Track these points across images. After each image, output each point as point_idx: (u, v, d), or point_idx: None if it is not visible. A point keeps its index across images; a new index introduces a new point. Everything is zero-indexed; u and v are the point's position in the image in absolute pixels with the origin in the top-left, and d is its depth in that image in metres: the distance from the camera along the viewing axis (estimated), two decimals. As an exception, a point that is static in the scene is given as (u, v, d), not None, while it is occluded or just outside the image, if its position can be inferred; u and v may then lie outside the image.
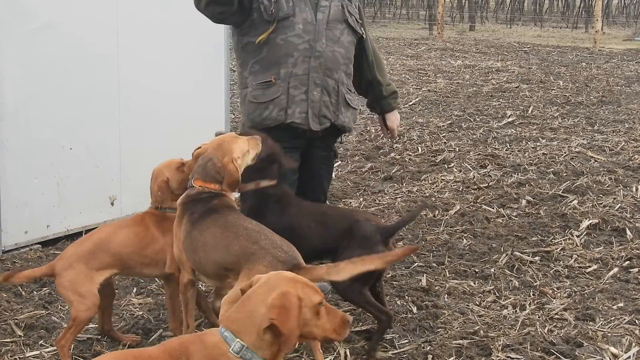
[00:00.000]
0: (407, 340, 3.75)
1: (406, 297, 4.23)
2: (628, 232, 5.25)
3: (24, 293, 4.28)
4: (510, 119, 9.10)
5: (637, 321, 3.96)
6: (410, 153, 7.53)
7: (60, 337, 3.42)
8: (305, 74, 3.88)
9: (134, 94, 5.33)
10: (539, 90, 11.10)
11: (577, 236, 5.19)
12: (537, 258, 4.82)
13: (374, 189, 6.46)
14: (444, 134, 8.33)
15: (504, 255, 4.85)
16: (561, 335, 3.79)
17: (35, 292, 4.29)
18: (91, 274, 3.47)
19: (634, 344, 3.70)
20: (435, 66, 13.61)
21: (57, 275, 3.48)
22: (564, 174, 6.65)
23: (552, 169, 6.81)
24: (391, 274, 4.55)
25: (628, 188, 6.26)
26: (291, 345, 2.32)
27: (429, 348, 3.67)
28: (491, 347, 3.66)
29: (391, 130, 4.40)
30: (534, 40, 18.64)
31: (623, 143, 7.81)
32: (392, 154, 7.48)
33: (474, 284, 4.45)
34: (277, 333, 2.29)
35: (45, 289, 4.32)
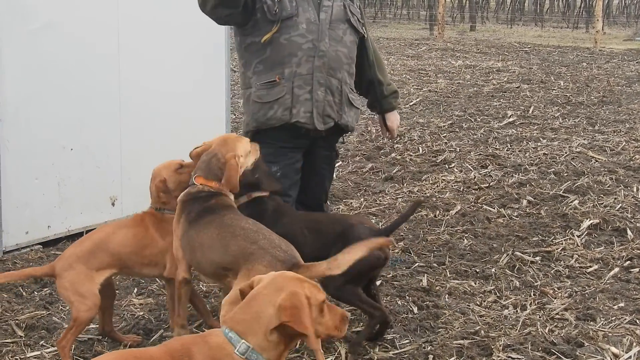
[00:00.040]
0: (407, 340, 3.75)
1: (407, 297, 4.23)
2: (629, 232, 5.25)
3: (24, 293, 4.28)
4: (511, 119, 9.09)
5: (637, 321, 3.96)
6: (411, 153, 7.53)
7: (61, 338, 3.42)
8: (309, 74, 3.88)
9: (135, 94, 5.33)
10: (539, 91, 11.10)
11: (578, 236, 5.18)
12: (537, 258, 4.82)
13: (374, 189, 6.46)
14: (445, 134, 8.33)
15: (504, 255, 4.85)
16: (562, 335, 3.79)
17: (36, 293, 4.29)
18: (91, 274, 3.46)
19: (634, 344, 3.70)
20: (436, 66, 13.60)
21: (57, 276, 3.48)
22: (565, 174, 6.65)
23: (553, 169, 6.80)
24: (392, 274, 4.55)
25: (629, 188, 6.25)
26: (314, 341, 2.32)
27: (429, 348, 3.67)
28: (492, 347, 3.65)
29: (391, 130, 4.39)
30: (535, 41, 18.63)
31: (624, 143, 7.80)
32: (393, 154, 7.47)
33: (475, 284, 4.45)
34: (284, 333, 2.29)
35: (46, 289, 4.31)
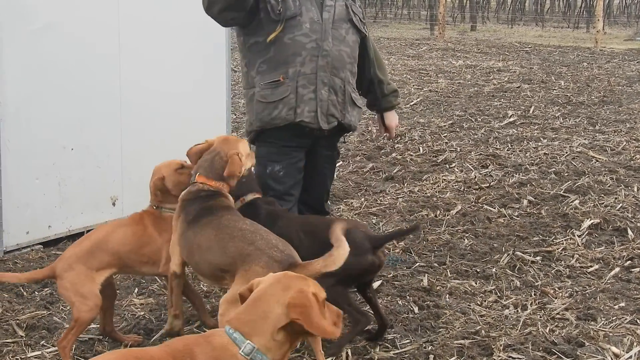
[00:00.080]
0: (408, 340, 3.75)
1: (407, 297, 4.23)
2: (629, 231, 5.25)
3: (25, 293, 4.28)
4: (511, 119, 9.09)
5: (638, 321, 3.96)
6: (412, 153, 7.52)
7: (62, 338, 3.42)
8: (313, 73, 3.89)
9: (136, 94, 5.33)
10: (540, 90, 11.09)
11: (579, 236, 5.18)
12: (538, 258, 4.82)
13: (375, 189, 6.46)
14: (446, 134, 8.32)
15: (505, 255, 4.85)
16: (563, 335, 3.79)
17: (36, 293, 4.29)
18: (92, 274, 3.47)
19: (635, 344, 3.70)
20: (437, 66, 13.60)
21: (58, 277, 3.48)
22: (566, 174, 6.65)
23: (554, 169, 6.80)
24: (392, 274, 4.55)
25: (629, 188, 6.25)
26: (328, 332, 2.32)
27: (430, 348, 3.67)
28: (493, 347, 3.65)
29: (390, 128, 4.40)
30: (535, 40, 18.63)
31: (624, 143, 7.80)
32: (394, 154, 7.47)
33: (476, 284, 4.45)
34: (291, 332, 2.29)
35: (46, 289, 4.31)
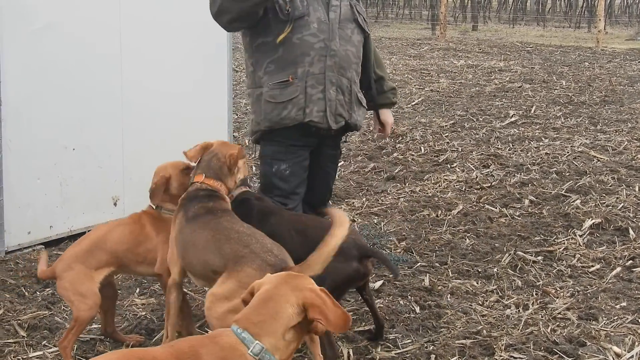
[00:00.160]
0: (410, 340, 3.75)
1: (409, 297, 4.23)
2: (631, 231, 5.25)
3: (27, 294, 4.28)
4: (513, 119, 9.09)
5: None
6: (413, 153, 7.52)
7: (63, 338, 3.42)
8: (322, 73, 3.89)
9: (137, 94, 5.34)
10: (541, 90, 11.09)
11: (580, 236, 5.18)
12: (539, 258, 4.82)
13: (376, 189, 6.46)
14: (447, 134, 8.32)
15: (506, 255, 4.85)
16: (564, 334, 3.79)
17: (38, 293, 4.29)
18: (90, 273, 3.47)
19: (637, 343, 3.69)
20: (438, 66, 13.59)
21: (57, 277, 3.49)
22: (567, 174, 6.64)
23: (555, 169, 6.80)
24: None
25: (631, 187, 6.25)
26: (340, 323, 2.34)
27: (432, 348, 3.67)
28: (494, 346, 3.65)
29: (386, 124, 4.40)
30: (537, 40, 18.62)
31: (626, 143, 7.79)
32: (395, 154, 7.47)
33: (477, 283, 4.45)
34: (300, 331, 2.31)
35: (48, 289, 4.32)
